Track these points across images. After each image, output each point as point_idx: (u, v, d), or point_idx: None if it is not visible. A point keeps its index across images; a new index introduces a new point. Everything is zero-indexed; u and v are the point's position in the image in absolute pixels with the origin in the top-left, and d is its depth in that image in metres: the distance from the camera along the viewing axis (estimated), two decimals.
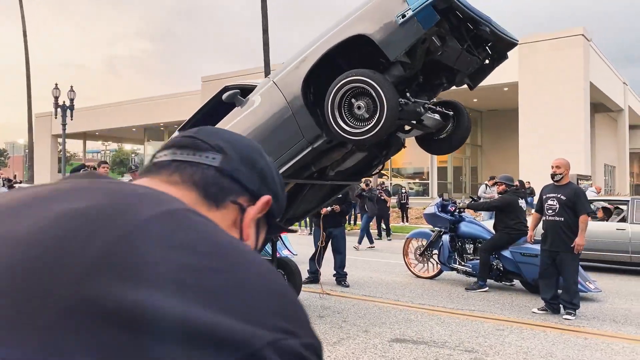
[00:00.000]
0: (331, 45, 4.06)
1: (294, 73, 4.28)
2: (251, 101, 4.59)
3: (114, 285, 0.42)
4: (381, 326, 5.18)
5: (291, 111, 4.25)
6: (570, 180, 5.88)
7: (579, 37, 21.06)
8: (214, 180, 0.64)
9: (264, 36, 18.31)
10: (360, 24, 3.94)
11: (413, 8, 3.67)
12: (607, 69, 26.03)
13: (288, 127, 4.26)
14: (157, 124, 35.62)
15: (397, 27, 3.74)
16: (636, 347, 4.57)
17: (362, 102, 3.94)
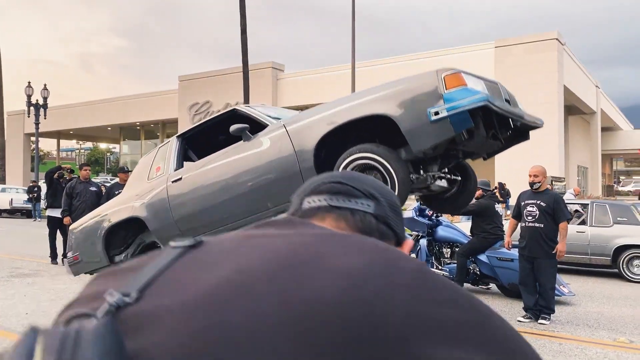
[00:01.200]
0: (353, 117, 3.84)
1: (309, 130, 4.05)
2: (259, 141, 4.35)
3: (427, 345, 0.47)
4: None
5: (299, 167, 4.05)
6: (548, 187, 5.93)
7: (553, 41, 21.42)
8: (375, 226, 0.67)
9: (242, 36, 18.20)
10: (388, 105, 3.70)
11: (448, 109, 3.47)
12: (580, 72, 26.53)
13: (292, 182, 4.04)
14: (134, 123, 35.12)
15: (428, 123, 3.54)
16: (609, 352, 4.64)
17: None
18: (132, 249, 5.48)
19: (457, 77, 3.58)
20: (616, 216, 8.93)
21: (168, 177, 4.98)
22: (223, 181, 4.48)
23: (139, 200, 5.12)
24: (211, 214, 4.59)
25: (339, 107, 3.97)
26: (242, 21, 18.42)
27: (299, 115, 4.37)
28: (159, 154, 5.39)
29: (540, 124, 4.37)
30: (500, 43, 22.18)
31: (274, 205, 4.24)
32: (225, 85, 28.02)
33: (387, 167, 3.68)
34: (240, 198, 4.37)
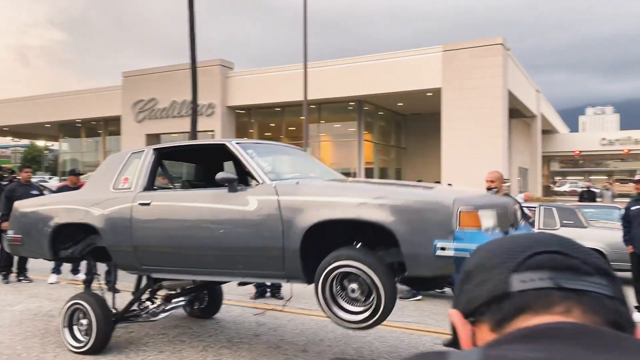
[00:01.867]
0: (353, 216, 3.56)
1: (303, 211, 3.72)
2: (245, 199, 3.99)
3: None
4: (320, 344, 5.03)
5: (282, 245, 3.75)
6: (506, 192, 5.90)
7: (498, 46, 22.01)
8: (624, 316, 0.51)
9: (191, 33, 17.66)
10: (394, 218, 3.39)
11: (456, 249, 3.25)
12: (522, 76, 27.45)
13: (273, 255, 3.80)
14: (74, 120, 33.66)
15: (431, 255, 3.30)
16: None
17: (356, 285, 3.53)
18: (80, 247, 5.13)
19: (473, 216, 3.35)
20: (562, 219, 9.19)
21: (136, 195, 4.59)
22: (196, 226, 4.17)
23: (98, 208, 4.75)
24: (175, 255, 4.32)
25: (341, 198, 3.71)
26: (191, 17, 17.89)
27: (294, 187, 3.93)
28: (130, 163, 4.93)
29: None
30: (448, 47, 22.60)
31: (246, 269, 3.99)
32: (172, 82, 27.24)
33: (375, 281, 3.42)
34: (211, 250, 4.10)
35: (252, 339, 5.17)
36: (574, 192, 45.09)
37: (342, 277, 3.58)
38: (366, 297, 3.52)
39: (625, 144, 42.45)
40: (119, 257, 4.67)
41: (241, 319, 5.96)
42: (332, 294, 3.63)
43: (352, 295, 3.57)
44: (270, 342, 5.07)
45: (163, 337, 5.23)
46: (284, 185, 3.97)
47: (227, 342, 5.08)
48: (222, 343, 5.04)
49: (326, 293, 3.63)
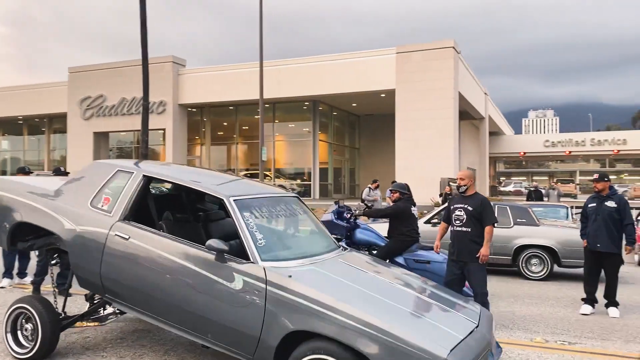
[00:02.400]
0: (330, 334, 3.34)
1: (287, 312, 3.50)
2: (230, 273, 3.75)
3: None
4: None
5: (259, 336, 3.56)
6: (476, 191, 5.91)
7: (449, 49, 22.49)
8: None
9: (142, 29, 17.17)
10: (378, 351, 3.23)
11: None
12: (472, 79, 28.17)
13: (246, 340, 3.63)
14: (15, 117, 32.14)
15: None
16: (530, 352, 4.80)
17: None
18: (41, 242, 4.85)
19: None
20: (516, 217, 9.45)
21: (114, 224, 4.28)
22: (174, 282, 3.92)
23: (70, 222, 4.43)
24: (144, 298, 4.09)
25: (333, 313, 3.38)
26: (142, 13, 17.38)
27: (285, 280, 3.61)
28: (115, 182, 4.55)
29: None
30: (401, 49, 22.91)
31: (215, 339, 3.79)
32: (121, 79, 26.42)
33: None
34: (184, 311, 3.88)
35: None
36: (518, 192, 46.76)
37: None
38: None
39: (567, 145, 44.32)
40: (81, 275, 4.39)
41: None
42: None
43: None
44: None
45: (121, 341, 5.01)
46: (276, 272, 3.67)
47: (189, 345, 4.92)
48: (184, 346, 4.88)
49: None
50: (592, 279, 6.64)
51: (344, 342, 3.30)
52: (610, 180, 6.83)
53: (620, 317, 6.28)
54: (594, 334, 5.53)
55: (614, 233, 6.44)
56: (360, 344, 3.26)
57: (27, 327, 4.49)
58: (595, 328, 5.76)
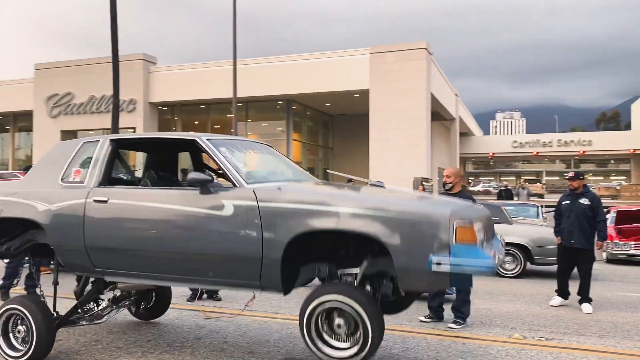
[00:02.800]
0: (342, 227, 3.38)
1: (286, 219, 3.49)
2: (220, 203, 3.68)
3: None
4: (266, 345, 4.88)
5: (261, 255, 3.51)
6: (462, 189, 5.97)
7: (422, 50, 22.70)
8: None
9: (112, 25, 16.83)
10: (387, 230, 3.27)
11: (452, 265, 3.17)
12: (443, 81, 28.50)
13: (249, 265, 3.56)
14: None
15: (425, 270, 3.20)
16: (509, 349, 4.84)
17: (342, 320, 3.48)
18: (18, 242, 4.61)
19: (469, 231, 3.27)
20: None
21: (90, 191, 4.15)
22: (163, 229, 3.82)
23: (44, 203, 4.26)
24: (135, 258, 3.96)
25: (331, 207, 3.45)
26: (112, 9, 17.03)
27: (275, 193, 3.63)
28: (82, 154, 4.44)
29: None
30: (375, 50, 23.02)
31: (217, 277, 3.72)
32: (90, 76, 25.84)
33: (363, 317, 3.36)
34: (179, 256, 3.79)
35: (194, 342, 4.93)
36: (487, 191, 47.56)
37: (328, 311, 3.49)
38: (353, 332, 3.46)
39: (535, 146, 45.29)
40: (67, 257, 4.23)
41: (179, 322, 5.68)
42: (317, 329, 3.53)
43: (338, 330, 3.49)
44: (214, 345, 4.86)
45: (96, 344, 4.86)
46: (264, 189, 3.68)
47: (167, 346, 4.81)
48: (162, 348, 4.76)
49: (311, 328, 3.55)
50: (564, 274, 6.79)
51: (347, 230, 3.36)
52: (585, 178, 6.99)
53: (594, 313, 6.41)
54: (570, 329, 5.63)
55: (587, 230, 6.58)
56: (364, 227, 3.32)
57: (20, 329, 4.28)
58: (571, 324, 5.86)
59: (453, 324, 5.59)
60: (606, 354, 4.75)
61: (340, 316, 3.49)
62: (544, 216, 13.72)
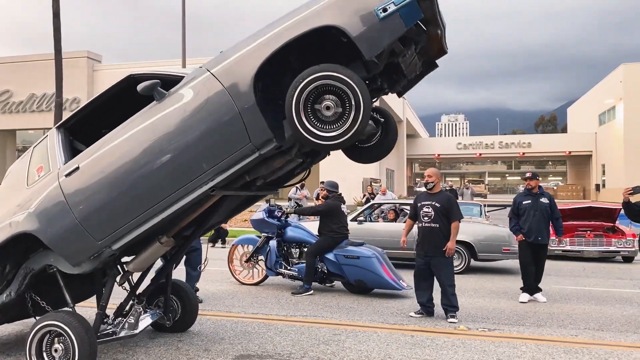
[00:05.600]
0: (292, 35, 3.43)
1: (241, 64, 3.58)
2: (178, 95, 3.75)
3: None
4: (221, 342, 4.94)
5: (237, 109, 3.54)
6: (442, 189, 6.19)
7: None
8: None
9: (55, 21, 16.35)
10: (331, 14, 3.39)
11: (396, 2, 3.28)
12: None
13: (231, 128, 3.57)
14: None
15: (377, 22, 3.30)
16: (455, 340, 5.11)
17: (331, 102, 3.41)
18: (15, 285, 4.28)
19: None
20: None
21: (58, 172, 4.06)
22: (140, 154, 3.75)
23: (21, 212, 4.09)
24: (131, 197, 3.80)
25: (273, 30, 3.53)
26: (55, 4, 16.51)
27: (221, 55, 3.78)
28: (36, 154, 4.40)
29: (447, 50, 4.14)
30: None
31: (211, 165, 3.65)
32: (30, 73, 24.88)
33: (357, 91, 3.35)
34: (165, 168, 3.71)
35: (148, 342, 4.93)
36: None
37: (312, 100, 3.45)
38: (343, 108, 3.43)
39: (478, 148, 46.87)
40: (67, 249, 3.98)
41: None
42: (309, 119, 3.46)
43: (328, 113, 3.43)
44: (169, 344, 4.87)
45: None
46: (210, 61, 3.78)
47: (120, 346, 4.79)
48: (115, 348, 4.74)
49: (303, 119, 3.45)
50: (530, 270, 6.94)
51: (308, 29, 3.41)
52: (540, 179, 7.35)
53: (532, 304, 6.79)
54: (511, 320, 5.96)
55: (548, 227, 6.99)
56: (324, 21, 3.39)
57: (58, 348, 3.95)
58: (512, 315, 6.21)
59: (452, 319, 5.78)
60: (543, 341, 5.09)
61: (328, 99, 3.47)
62: (487, 215, 14.32)
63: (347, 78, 3.36)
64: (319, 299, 6.95)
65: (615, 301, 7.06)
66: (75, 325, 3.89)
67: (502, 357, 4.58)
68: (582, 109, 51.06)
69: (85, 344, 3.86)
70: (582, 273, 9.50)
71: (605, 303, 6.94)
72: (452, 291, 5.87)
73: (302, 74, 3.43)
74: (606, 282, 8.65)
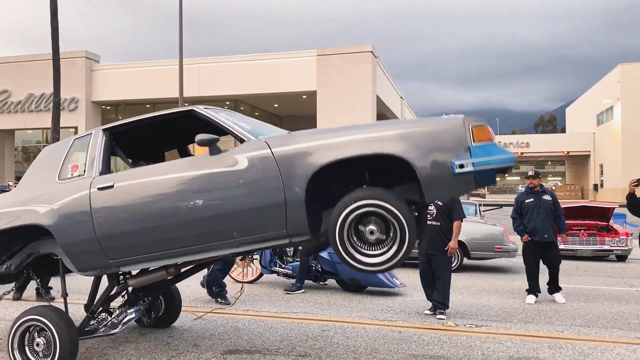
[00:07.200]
0: (362, 152, 3.38)
1: (302, 158, 3.49)
2: (233, 158, 3.65)
3: None
4: (210, 338, 5.01)
5: (284, 198, 3.48)
6: None
7: (368, 53, 23.21)
8: None
9: (53, 20, 16.41)
10: (406, 146, 3.32)
11: (476, 164, 3.24)
12: (389, 83, 29.17)
13: (272, 213, 3.52)
14: None
15: (450, 175, 3.25)
16: (442, 336, 5.17)
17: (376, 227, 3.39)
18: (17, 260, 4.37)
19: (485, 130, 3.36)
20: None
21: (92, 181, 4.01)
22: (177, 199, 3.72)
23: (45, 205, 4.08)
24: (155, 236, 3.80)
25: (345, 137, 3.47)
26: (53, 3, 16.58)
27: (287, 137, 3.68)
28: (76, 148, 4.30)
29: None
30: (322, 52, 23.37)
31: (241, 235, 3.64)
32: (28, 73, 24.95)
33: (398, 216, 3.32)
34: (197, 222, 3.68)
35: (139, 338, 5.00)
36: None
37: (357, 220, 3.42)
38: (386, 235, 3.41)
39: None
40: (77, 256, 4.03)
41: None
42: (350, 240, 3.43)
43: (371, 237, 3.41)
44: (159, 340, 4.94)
45: None
46: (274, 137, 3.70)
47: (111, 342, 4.86)
48: (105, 343, 4.81)
49: (345, 240, 3.42)
50: (536, 270, 6.91)
51: (372, 153, 3.34)
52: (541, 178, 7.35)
53: (520, 301, 6.85)
54: (499, 317, 6.03)
55: (553, 224, 6.96)
56: (384, 148, 3.33)
57: (39, 342, 4.01)
58: (500, 312, 6.27)
59: (440, 315, 5.86)
60: (528, 337, 5.16)
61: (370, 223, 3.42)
62: (482, 214, 14.37)
63: (398, 213, 3.32)
64: (311, 296, 7.02)
65: (605, 298, 7.13)
66: (56, 321, 3.95)
67: (487, 352, 4.65)
68: (580, 109, 51.13)
69: (67, 339, 3.93)
70: (574, 271, 9.56)
71: (594, 300, 7.01)
72: (447, 290, 5.94)
73: (355, 195, 3.40)
74: (597, 280, 8.71)
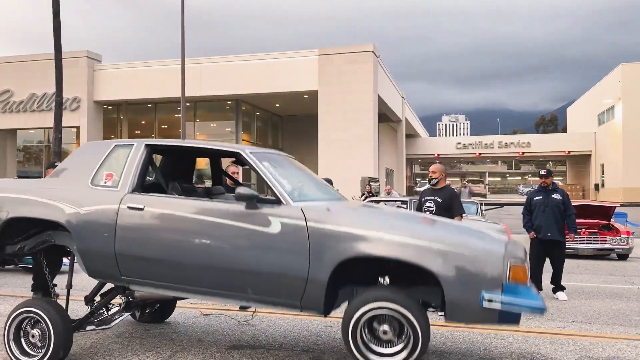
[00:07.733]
0: (394, 255, 3.40)
1: (335, 242, 3.47)
2: (267, 219, 3.62)
3: None
4: (214, 334, 5.05)
5: (307, 275, 3.48)
6: (447, 184, 6.25)
7: (369, 53, 23.24)
8: None
9: (55, 20, 16.47)
10: (439, 262, 3.32)
11: (504, 303, 3.24)
12: (390, 83, 29.21)
13: (292, 284, 3.53)
14: None
15: (477, 305, 3.26)
16: (444, 332, 5.21)
17: (389, 329, 3.45)
18: (32, 243, 4.37)
19: (522, 271, 3.35)
20: None
21: (123, 197, 4.00)
22: (203, 241, 3.74)
23: (72, 206, 4.07)
24: (169, 269, 3.82)
25: (384, 233, 3.47)
26: (55, 3, 16.64)
27: (326, 214, 3.63)
28: (115, 157, 4.25)
29: None
30: (323, 52, 23.41)
31: (255, 294, 3.65)
32: (30, 73, 25.02)
33: (415, 326, 3.37)
34: (217, 269, 3.69)
35: (144, 334, 5.04)
36: None
37: (370, 319, 3.48)
38: (399, 336, 3.47)
39: (477, 147, 46.96)
40: (92, 262, 4.05)
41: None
42: (363, 339, 3.51)
43: (384, 337, 3.48)
44: (163, 335, 4.98)
45: None
46: (313, 209, 3.66)
47: (116, 337, 4.90)
48: (110, 338, 4.85)
49: (358, 339, 3.50)
50: (540, 268, 6.97)
51: (405, 260, 3.34)
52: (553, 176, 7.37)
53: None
54: None
55: (561, 223, 6.97)
56: (416, 258, 3.33)
57: (34, 333, 4.06)
58: None
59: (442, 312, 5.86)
60: (530, 333, 5.19)
61: (384, 322, 3.48)
62: (483, 213, 14.46)
63: (415, 322, 3.37)
64: None
65: (606, 296, 7.16)
66: (52, 313, 3.99)
67: (489, 348, 4.68)
68: (581, 109, 51.15)
69: (61, 332, 3.96)
70: (575, 270, 9.60)
71: (596, 298, 7.04)
72: None
73: (377, 294, 3.46)
74: (598, 278, 8.75)
